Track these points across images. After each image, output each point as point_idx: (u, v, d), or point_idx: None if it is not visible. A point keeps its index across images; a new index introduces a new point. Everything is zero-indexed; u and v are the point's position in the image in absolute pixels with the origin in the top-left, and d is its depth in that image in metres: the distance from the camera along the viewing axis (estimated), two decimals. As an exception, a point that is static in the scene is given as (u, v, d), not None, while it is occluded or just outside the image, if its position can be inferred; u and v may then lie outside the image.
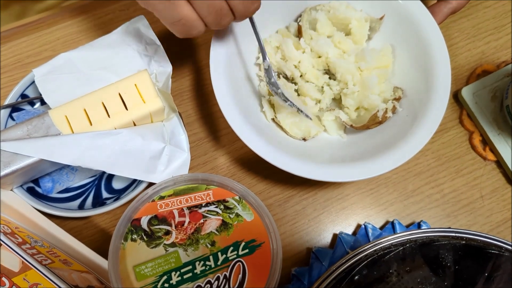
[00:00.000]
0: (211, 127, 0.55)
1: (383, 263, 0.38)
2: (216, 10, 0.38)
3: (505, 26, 0.60)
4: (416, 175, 0.54)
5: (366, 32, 0.53)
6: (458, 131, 0.56)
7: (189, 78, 0.57)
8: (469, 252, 0.38)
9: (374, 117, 0.49)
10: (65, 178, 0.50)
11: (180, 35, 0.40)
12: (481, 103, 0.55)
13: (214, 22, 0.39)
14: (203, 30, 0.40)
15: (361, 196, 0.53)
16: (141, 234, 0.40)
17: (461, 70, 0.58)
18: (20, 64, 0.56)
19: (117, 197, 0.49)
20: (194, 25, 0.39)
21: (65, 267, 0.43)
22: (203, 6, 0.38)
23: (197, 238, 0.40)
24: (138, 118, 0.46)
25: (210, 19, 0.39)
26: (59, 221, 0.49)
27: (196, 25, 0.39)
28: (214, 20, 0.39)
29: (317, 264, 0.48)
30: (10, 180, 0.45)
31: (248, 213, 0.41)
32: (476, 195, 0.53)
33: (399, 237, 0.38)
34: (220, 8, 0.38)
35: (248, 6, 0.39)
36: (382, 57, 0.51)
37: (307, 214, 0.52)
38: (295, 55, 0.51)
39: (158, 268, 0.39)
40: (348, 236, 0.50)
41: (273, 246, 0.40)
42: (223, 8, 0.38)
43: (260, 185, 0.53)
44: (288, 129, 0.51)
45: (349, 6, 0.53)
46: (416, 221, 0.52)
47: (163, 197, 0.41)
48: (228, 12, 0.39)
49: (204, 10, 0.38)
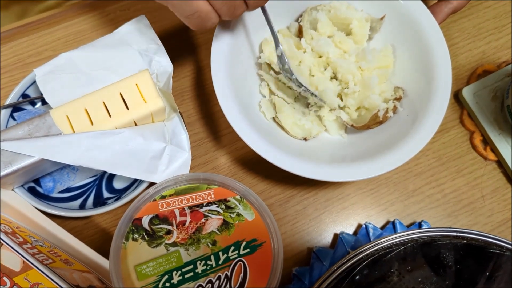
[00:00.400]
0: (212, 127, 0.55)
1: (384, 262, 0.38)
2: (230, 1, 0.38)
3: (506, 26, 0.60)
4: (417, 175, 0.54)
5: (367, 32, 0.53)
6: (459, 131, 0.56)
7: (190, 78, 0.57)
8: (470, 252, 0.38)
9: (375, 117, 0.49)
10: (66, 178, 0.50)
11: (195, 27, 0.41)
12: (482, 103, 0.55)
13: (228, 13, 0.40)
14: (217, 21, 0.40)
15: (362, 196, 0.53)
16: (142, 233, 0.40)
17: (462, 70, 0.58)
18: (21, 64, 0.56)
19: (118, 196, 0.49)
20: (209, 17, 0.39)
21: (66, 266, 0.43)
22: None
23: (198, 237, 0.40)
24: (139, 118, 0.46)
25: (224, 10, 0.39)
26: (60, 221, 0.49)
27: (210, 17, 0.39)
28: (228, 11, 0.39)
29: (318, 264, 0.48)
30: (11, 179, 0.45)
31: (249, 213, 0.41)
32: (477, 195, 0.53)
33: (400, 237, 0.38)
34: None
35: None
36: (383, 57, 0.52)
37: (308, 214, 0.52)
38: (296, 55, 0.51)
39: (159, 267, 0.39)
40: (349, 236, 0.50)
41: (274, 246, 0.40)
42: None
43: (261, 185, 0.53)
44: (289, 128, 0.51)
45: (350, 6, 0.53)
46: (417, 221, 0.52)
47: (164, 196, 0.41)
48: (241, 2, 0.40)
49: (218, 2, 0.38)
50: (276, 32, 0.48)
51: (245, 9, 0.41)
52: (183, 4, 0.38)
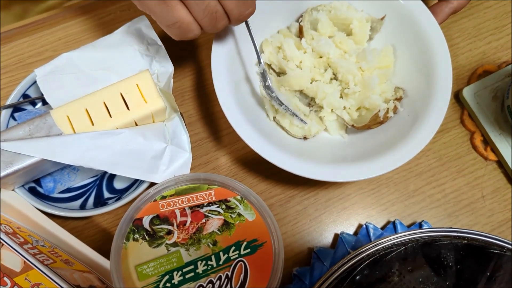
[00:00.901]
0: (212, 127, 0.55)
1: (384, 263, 0.38)
2: (211, 13, 0.38)
3: (506, 27, 0.60)
4: (417, 175, 0.54)
5: (367, 33, 0.53)
6: (459, 131, 0.56)
7: (191, 78, 0.57)
8: (470, 252, 0.38)
9: (375, 117, 0.49)
10: (67, 178, 0.50)
11: (176, 37, 0.41)
12: (482, 103, 0.55)
13: (209, 25, 0.40)
14: (199, 33, 0.40)
15: (362, 196, 0.53)
16: (143, 233, 0.40)
17: (462, 70, 0.58)
18: (21, 64, 0.56)
19: (118, 197, 0.49)
20: (190, 28, 0.39)
21: (67, 267, 0.43)
22: (198, 9, 0.38)
23: (199, 237, 0.40)
24: (140, 118, 0.46)
25: (206, 22, 0.39)
26: (61, 221, 0.49)
27: (192, 28, 0.39)
28: (209, 23, 0.39)
29: (318, 264, 0.48)
30: (12, 180, 0.45)
31: (249, 213, 0.41)
32: (478, 195, 0.53)
33: (401, 237, 0.38)
34: (215, 11, 0.39)
35: (243, 10, 0.40)
36: (383, 57, 0.52)
37: (309, 214, 0.52)
38: (296, 55, 0.51)
39: (160, 267, 0.39)
40: (349, 236, 0.50)
41: (275, 246, 0.40)
42: (218, 11, 0.39)
43: (261, 185, 0.53)
44: (288, 127, 0.51)
45: (350, 6, 0.53)
46: (417, 221, 0.52)
47: (165, 197, 0.41)
48: (223, 15, 0.40)
49: (200, 13, 0.38)
50: (258, 49, 0.48)
51: (227, 22, 0.41)
52: (165, 13, 0.38)
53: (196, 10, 0.38)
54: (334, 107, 0.50)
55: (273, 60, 0.52)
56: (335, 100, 0.50)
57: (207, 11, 0.38)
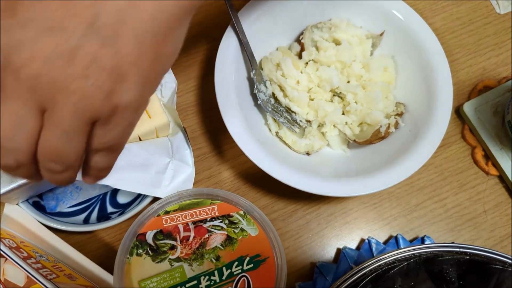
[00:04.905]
0: (215, 141, 0.55)
1: (387, 278, 0.38)
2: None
3: (506, 42, 0.61)
4: (419, 190, 0.54)
5: (369, 48, 0.53)
6: (461, 146, 0.56)
7: (194, 93, 0.57)
8: (472, 267, 0.38)
9: (377, 132, 0.49)
10: (69, 197, 0.50)
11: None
12: (483, 118, 0.55)
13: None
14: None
15: (365, 211, 0.53)
16: (146, 248, 0.40)
17: (463, 86, 0.59)
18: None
19: (122, 211, 0.49)
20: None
21: (70, 281, 0.43)
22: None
23: (202, 253, 0.40)
24: (144, 133, 0.46)
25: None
26: (64, 235, 0.49)
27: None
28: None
29: (321, 279, 0.48)
30: (16, 194, 0.45)
31: (252, 228, 0.41)
32: (479, 209, 0.54)
33: (403, 252, 0.38)
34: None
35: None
36: (385, 72, 0.52)
37: (311, 228, 0.52)
38: (294, 74, 0.51)
39: (163, 283, 0.39)
40: (351, 250, 0.50)
41: (277, 261, 0.40)
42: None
43: (264, 200, 0.53)
44: (290, 143, 0.51)
45: (349, 23, 0.54)
46: (419, 236, 0.52)
47: (168, 211, 0.41)
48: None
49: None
50: (258, 64, 0.49)
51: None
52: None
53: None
54: (336, 123, 0.51)
55: (272, 78, 0.52)
56: (336, 117, 0.50)
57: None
